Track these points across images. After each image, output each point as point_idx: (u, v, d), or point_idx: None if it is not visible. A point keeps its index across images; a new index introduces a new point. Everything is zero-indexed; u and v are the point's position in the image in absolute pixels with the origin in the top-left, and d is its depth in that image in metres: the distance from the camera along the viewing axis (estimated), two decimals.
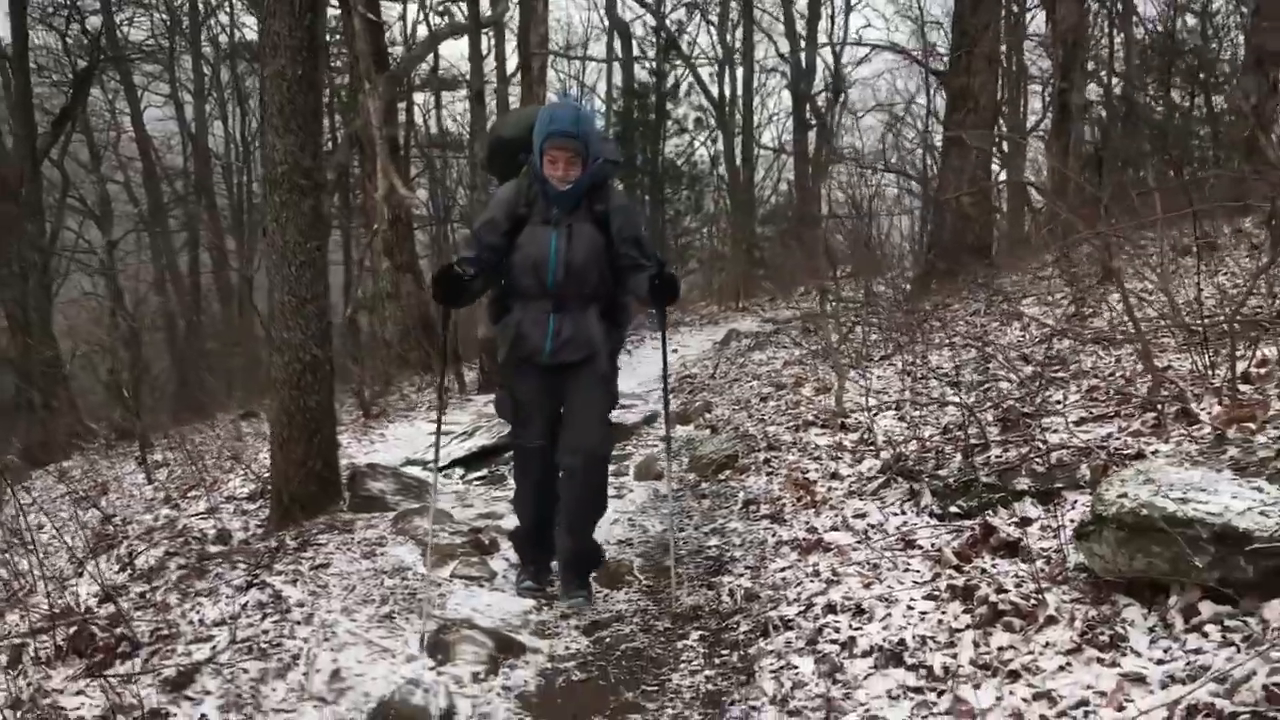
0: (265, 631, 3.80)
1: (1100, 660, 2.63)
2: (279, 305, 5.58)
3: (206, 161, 25.36)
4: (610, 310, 4.32)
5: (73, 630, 3.99)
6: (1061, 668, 2.65)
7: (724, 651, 3.65)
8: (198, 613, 4.08)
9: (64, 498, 8.63)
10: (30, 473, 12.02)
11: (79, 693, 3.48)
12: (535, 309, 4.20)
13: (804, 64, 23.32)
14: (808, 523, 4.59)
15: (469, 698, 3.40)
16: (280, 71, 5.40)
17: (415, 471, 6.81)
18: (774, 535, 4.66)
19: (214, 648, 3.69)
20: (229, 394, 16.27)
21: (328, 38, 16.64)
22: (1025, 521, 3.72)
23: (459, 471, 7.28)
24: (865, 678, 2.98)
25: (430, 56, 21.60)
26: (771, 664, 3.30)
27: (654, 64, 23.76)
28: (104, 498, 8.05)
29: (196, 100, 25.52)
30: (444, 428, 8.49)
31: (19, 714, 3.41)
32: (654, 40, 24.05)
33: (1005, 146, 15.39)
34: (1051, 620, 2.86)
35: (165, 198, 24.75)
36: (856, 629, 3.28)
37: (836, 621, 3.39)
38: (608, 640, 3.95)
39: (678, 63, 23.97)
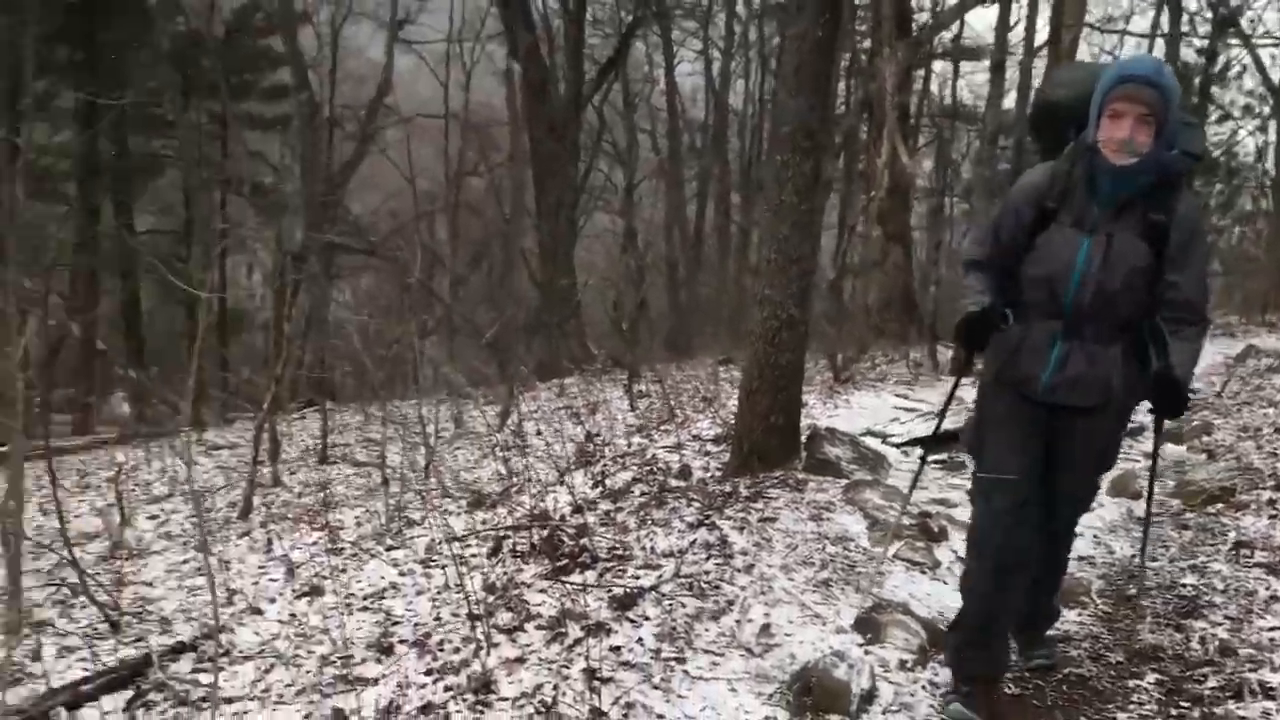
0: (707, 572, 3.98)
1: None
2: (766, 262, 5.77)
3: (725, 117, 26.64)
4: (1142, 345, 3.18)
5: (545, 533, 4.44)
6: None
7: (1184, 704, 3.26)
8: (650, 540, 4.36)
9: (560, 411, 9.61)
10: (538, 385, 13.53)
11: (541, 591, 3.87)
12: (1041, 329, 3.20)
13: None
14: None
15: (892, 684, 3.33)
16: (801, 33, 5.54)
17: (873, 443, 6.75)
18: (1267, 588, 4.07)
19: (659, 577, 3.92)
20: (715, 339, 17.15)
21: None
22: None
23: (918, 451, 7.12)
24: None
25: (955, 24, 20.99)
26: None
27: (1205, 42, 21.30)
28: (591, 417, 8.83)
29: (724, 58, 26.85)
30: (908, 404, 8.40)
31: (493, 598, 3.86)
32: (1209, 15, 21.52)
33: None
34: None
35: (684, 148, 26.40)
36: None
37: None
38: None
39: (1234, 42, 21.27)
